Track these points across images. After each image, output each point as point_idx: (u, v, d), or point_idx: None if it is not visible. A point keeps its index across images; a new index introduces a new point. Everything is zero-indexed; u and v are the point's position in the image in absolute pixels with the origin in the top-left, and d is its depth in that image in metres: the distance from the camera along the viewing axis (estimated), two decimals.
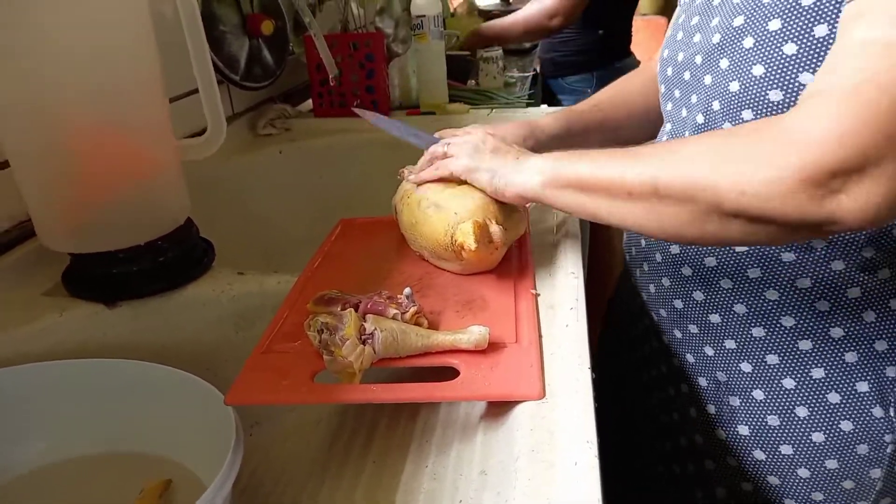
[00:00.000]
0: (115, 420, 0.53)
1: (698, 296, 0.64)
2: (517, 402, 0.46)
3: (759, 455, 0.64)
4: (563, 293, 0.59)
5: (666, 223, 0.48)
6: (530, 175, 0.57)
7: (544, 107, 1.32)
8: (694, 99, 0.61)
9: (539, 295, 0.59)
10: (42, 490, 0.51)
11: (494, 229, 0.59)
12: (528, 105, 1.37)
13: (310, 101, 1.30)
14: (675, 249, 0.65)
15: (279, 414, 0.62)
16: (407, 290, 0.55)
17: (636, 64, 1.94)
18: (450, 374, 0.49)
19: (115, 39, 0.57)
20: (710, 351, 0.65)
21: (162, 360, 0.51)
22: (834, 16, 0.48)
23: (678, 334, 0.68)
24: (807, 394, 0.60)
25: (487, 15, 2.15)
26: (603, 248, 1.87)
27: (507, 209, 0.63)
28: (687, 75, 0.62)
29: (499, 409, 0.49)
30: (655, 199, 0.47)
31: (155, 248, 0.62)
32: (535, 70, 1.94)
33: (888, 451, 0.59)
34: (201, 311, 0.63)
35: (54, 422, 0.53)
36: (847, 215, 0.40)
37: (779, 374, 0.61)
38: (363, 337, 0.50)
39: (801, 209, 0.40)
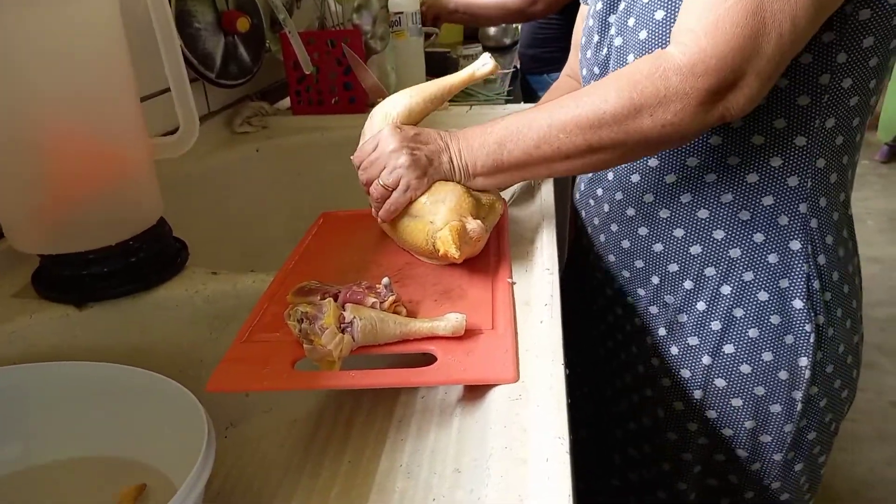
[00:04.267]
0: (88, 424, 0.52)
1: (642, 231, 0.71)
2: (491, 396, 0.47)
3: (707, 360, 0.71)
4: (538, 289, 0.59)
5: (600, 165, 0.61)
6: (467, 172, 0.63)
7: (524, 105, 1.32)
8: (613, 65, 0.68)
9: (515, 283, 0.60)
10: (14, 496, 0.50)
11: (472, 226, 0.60)
12: (508, 102, 1.37)
13: (287, 98, 1.29)
14: (618, 196, 0.72)
15: (254, 415, 0.62)
16: (385, 280, 0.55)
17: None
18: (428, 362, 0.49)
19: (85, 39, 0.56)
20: (656, 280, 0.73)
21: (134, 363, 0.51)
22: None
23: (626, 274, 0.75)
24: (740, 296, 0.68)
25: None
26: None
27: (481, 197, 0.64)
28: (604, 51, 0.71)
29: (473, 405, 0.49)
30: (590, 153, 0.58)
31: (126, 249, 0.61)
32: (515, 67, 1.95)
33: (811, 339, 0.67)
34: (174, 311, 0.62)
35: (25, 426, 0.53)
36: (731, 113, 0.54)
37: (717, 283, 0.69)
38: (342, 326, 0.51)
39: (704, 120, 0.55)
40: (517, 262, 0.64)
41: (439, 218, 0.60)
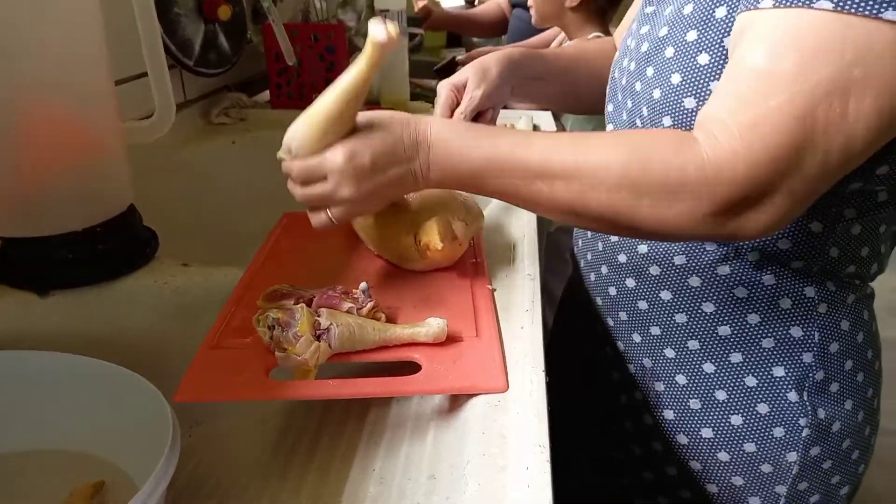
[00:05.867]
0: (46, 415, 0.50)
1: (630, 283, 0.66)
2: (469, 402, 0.45)
3: (683, 439, 0.66)
4: (519, 295, 0.58)
5: (578, 225, 0.55)
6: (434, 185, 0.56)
7: (521, 112, 1.30)
8: (629, 104, 0.63)
9: (495, 290, 0.59)
10: None
11: (457, 225, 0.59)
12: None
13: (267, 91, 1.27)
14: (614, 238, 0.67)
15: (222, 413, 0.60)
16: (363, 285, 0.53)
17: None
18: (410, 370, 0.48)
19: (56, 16, 0.54)
20: (637, 338, 0.67)
21: (98, 354, 0.48)
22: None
23: (611, 322, 0.70)
24: (726, 377, 0.62)
25: None
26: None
27: (467, 202, 0.63)
28: (624, 80, 0.64)
29: (451, 411, 0.47)
30: (572, 215, 0.51)
31: (93, 235, 0.59)
32: None
33: (803, 434, 0.61)
34: (142, 303, 0.60)
35: None
36: (744, 233, 0.47)
37: (700, 358, 0.63)
38: (318, 332, 0.49)
39: (708, 232, 0.47)
40: (497, 268, 0.64)
41: (425, 210, 0.59)
